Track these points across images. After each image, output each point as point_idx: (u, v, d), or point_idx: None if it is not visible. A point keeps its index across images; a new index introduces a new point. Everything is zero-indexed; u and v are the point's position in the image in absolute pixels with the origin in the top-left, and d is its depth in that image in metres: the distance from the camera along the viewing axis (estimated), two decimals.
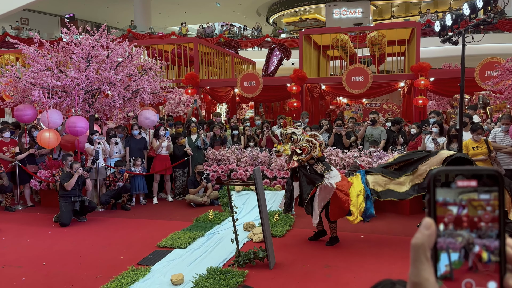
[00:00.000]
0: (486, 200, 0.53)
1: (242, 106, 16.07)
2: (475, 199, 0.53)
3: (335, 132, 7.85)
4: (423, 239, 0.53)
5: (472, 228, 0.52)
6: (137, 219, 6.67)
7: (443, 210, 0.53)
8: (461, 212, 0.53)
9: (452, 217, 0.53)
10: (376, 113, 7.89)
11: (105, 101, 7.60)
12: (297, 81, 10.97)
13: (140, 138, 7.94)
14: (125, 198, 7.28)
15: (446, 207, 0.53)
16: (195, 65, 12.15)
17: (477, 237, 0.52)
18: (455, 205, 0.53)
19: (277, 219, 6.06)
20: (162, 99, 9.09)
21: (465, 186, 0.53)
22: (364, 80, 10.22)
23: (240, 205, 6.64)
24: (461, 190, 0.53)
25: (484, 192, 0.53)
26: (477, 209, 0.53)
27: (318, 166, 4.97)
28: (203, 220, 6.28)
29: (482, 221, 0.53)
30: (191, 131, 8.22)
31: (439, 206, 0.53)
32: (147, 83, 7.78)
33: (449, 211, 0.53)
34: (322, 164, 5.01)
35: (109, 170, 7.57)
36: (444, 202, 0.53)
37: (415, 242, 0.53)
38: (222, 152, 7.95)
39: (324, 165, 5.01)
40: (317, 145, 4.94)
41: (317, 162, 4.99)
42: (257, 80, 11.11)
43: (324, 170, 4.97)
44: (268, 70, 14.86)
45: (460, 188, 0.53)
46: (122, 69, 7.65)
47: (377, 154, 6.95)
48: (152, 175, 7.95)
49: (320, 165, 4.99)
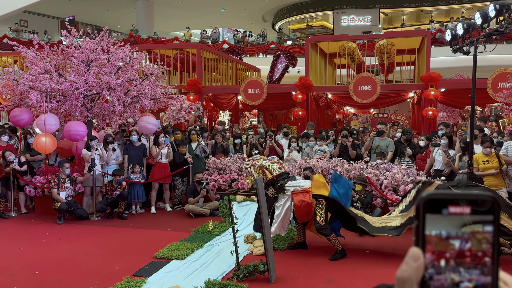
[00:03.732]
0: (490, 232, 0.49)
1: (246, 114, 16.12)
2: (479, 231, 0.49)
3: (341, 143, 7.85)
4: (410, 272, 0.49)
5: (468, 263, 0.48)
6: (134, 228, 6.67)
7: (441, 243, 0.49)
8: (463, 246, 0.49)
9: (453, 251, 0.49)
10: (385, 124, 7.90)
11: (104, 106, 7.65)
12: (302, 89, 11.02)
13: (139, 145, 7.96)
14: (122, 207, 7.28)
15: (442, 239, 0.49)
16: (198, 71, 12.24)
17: (466, 271, 0.48)
18: (456, 238, 0.49)
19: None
20: (163, 105, 9.13)
21: (458, 213, 0.49)
22: (372, 89, 10.26)
23: (241, 216, 6.62)
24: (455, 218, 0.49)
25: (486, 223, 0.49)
26: (481, 243, 0.49)
27: (269, 190, 5.22)
28: (202, 231, 6.27)
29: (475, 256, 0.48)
30: (191, 139, 8.24)
31: (438, 239, 0.49)
32: (148, 88, 7.83)
33: (447, 244, 0.49)
34: (272, 187, 5.21)
35: (106, 178, 7.58)
36: (439, 234, 0.49)
37: (401, 276, 0.49)
38: (224, 161, 7.97)
39: (275, 187, 5.20)
40: (252, 170, 5.15)
41: (267, 187, 5.21)
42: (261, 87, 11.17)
43: (274, 194, 5.19)
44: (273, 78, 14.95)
45: (453, 216, 0.49)
46: (123, 73, 7.71)
47: (384, 167, 6.94)
48: (150, 183, 7.96)
49: (271, 189, 5.21)
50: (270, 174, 5.21)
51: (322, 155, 7.87)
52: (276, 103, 12.49)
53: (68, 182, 7.12)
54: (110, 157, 7.68)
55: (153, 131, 8.27)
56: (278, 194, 5.19)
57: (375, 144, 7.74)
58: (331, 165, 7.24)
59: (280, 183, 5.22)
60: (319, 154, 7.92)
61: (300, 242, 5.54)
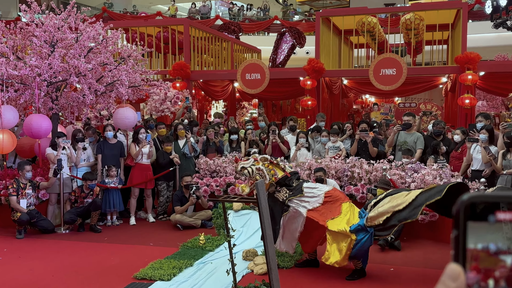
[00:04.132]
0: None
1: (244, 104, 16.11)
2: None
3: (359, 139, 7.85)
4: None
5: None
6: (109, 243, 6.67)
7: (489, 259, 0.47)
8: None
9: (504, 269, 0.47)
10: (412, 115, 7.88)
11: (73, 96, 7.64)
12: (312, 74, 11.00)
13: (115, 142, 7.96)
14: (95, 217, 7.29)
15: (491, 254, 0.47)
16: (185, 52, 12.22)
17: None
18: (508, 253, 0.47)
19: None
20: (144, 94, 9.15)
21: (510, 221, 0.48)
22: (396, 73, 10.24)
23: (239, 228, 6.63)
24: (505, 228, 0.47)
25: None
26: None
27: (280, 192, 5.12)
28: (192, 246, 6.29)
29: None
30: (179, 135, 8.24)
31: (485, 254, 0.48)
32: (125, 74, 7.83)
33: (497, 260, 0.47)
34: (286, 189, 5.13)
35: (76, 183, 7.58)
36: (487, 247, 0.47)
37: None
38: (217, 161, 7.97)
39: (290, 189, 5.11)
40: (266, 171, 5.07)
41: (277, 189, 5.14)
42: (263, 72, 11.15)
43: (289, 196, 5.08)
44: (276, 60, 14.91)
45: (503, 224, 0.48)
46: (95, 56, 7.70)
47: (412, 167, 6.93)
48: (129, 189, 7.95)
49: (283, 190, 5.12)
50: (282, 171, 5.15)
51: (336, 154, 7.85)
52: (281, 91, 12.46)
53: (30, 188, 7.11)
54: (80, 157, 7.67)
55: (132, 126, 8.27)
56: (294, 196, 5.08)
57: (400, 140, 7.73)
58: (347, 165, 7.22)
59: (296, 183, 5.15)
60: (333, 153, 7.90)
61: (311, 260, 5.52)
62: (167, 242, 6.65)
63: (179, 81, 11.41)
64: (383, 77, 10.33)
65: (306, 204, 5.05)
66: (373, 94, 14.43)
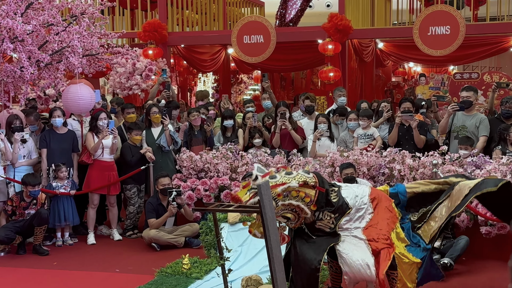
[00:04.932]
0: None
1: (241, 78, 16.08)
2: None
3: (400, 123, 7.85)
4: None
5: None
6: (60, 269, 6.65)
7: None
8: None
9: None
10: (473, 90, 7.84)
11: (7, 68, 7.63)
12: (335, 35, 10.96)
13: (65, 132, 7.97)
14: (40, 235, 7.30)
15: None
16: (160, 8, 12.18)
17: None
18: None
19: None
20: (104, 66, 9.11)
21: None
22: (451, 32, 10.20)
23: (236, 247, 6.63)
24: None
25: None
26: None
27: (324, 220, 4.73)
28: (172, 273, 6.28)
29: None
30: (152, 120, 8.24)
31: None
32: (77, 38, 7.79)
33: None
34: (328, 212, 4.73)
35: (13, 188, 7.58)
36: None
37: None
38: (206, 157, 7.99)
39: (332, 209, 4.72)
40: (301, 203, 4.59)
41: (318, 216, 4.74)
42: (267, 33, 11.11)
43: (337, 221, 4.73)
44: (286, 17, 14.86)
45: None
46: (36, 14, 7.68)
47: (472, 161, 6.94)
48: (86, 196, 7.96)
49: (326, 215, 4.74)
50: (312, 190, 4.66)
51: (368, 144, 7.85)
52: (292, 60, 12.44)
53: None
54: (19, 153, 7.67)
55: (89, 109, 8.26)
56: (342, 217, 4.73)
57: (457, 124, 7.72)
58: (384, 160, 7.23)
59: (334, 195, 4.78)
60: (364, 143, 7.90)
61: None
62: (138, 268, 6.64)
63: (152, 47, 11.36)
64: (433, 38, 10.29)
65: (357, 223, 4.77)
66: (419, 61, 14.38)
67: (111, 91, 10.56)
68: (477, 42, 11.25)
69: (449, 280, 5.94)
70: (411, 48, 11.33)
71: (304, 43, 11.87)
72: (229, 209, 4.69)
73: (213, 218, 4.90)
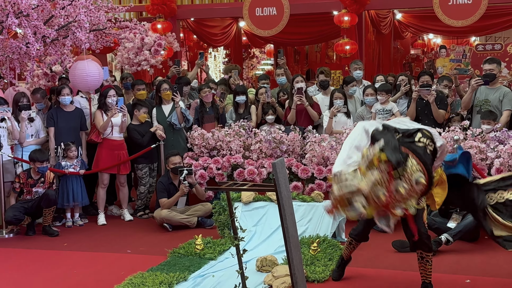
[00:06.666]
0: None
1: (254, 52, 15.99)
2: None
3: (418, 98, 7.79)
4: None
5: None
6: (70, 251, 6.69)
7: None
8: None
9: None
10: (497, 62, 7.73)
11: (12, 45, 7.60)
12: (351, 6, 10.86)
13: (73, 110, 7.99)
14: (49, 216, 7.31)
15: None
16: None
17: None
18: None
19: (316, 251, 6.02)
20: (112, 41, 9.09)
21: None
22: (473, 2, 10.04)
23: (251, 227, 6.67)
24: None
25: None
26: None
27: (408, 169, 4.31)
28: (185, 253, 6.31)
29: None
30: (163, 97, 8.20)
31: None
32: (84, 12, 7.78)
33: None
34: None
35: (21, 166, 7.61)
36: None
37: None
38: (218, 135, 7.92)
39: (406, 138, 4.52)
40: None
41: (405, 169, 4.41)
42: (280, 5, 11.02)
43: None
44: None
45: None
46: None
47: (496, 136, 6.85)
48: (96, 176, 7.92)
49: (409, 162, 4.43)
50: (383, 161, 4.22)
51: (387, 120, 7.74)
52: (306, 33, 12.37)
53: None
54: (26, 131, 7.68)
55: (97, 86, 8.28)
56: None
57: (480, 98, 7.65)
58: None
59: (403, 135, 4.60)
60: (382, 118, 7.80)
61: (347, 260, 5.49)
62: (150, 249, 6.66)
63: (161, 21, 11.32)
64: (454, 8, 10.15)
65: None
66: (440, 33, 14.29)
67: (119, 67, 10.50)
68: (500, 12, 11.10)
69: (471, 260, 5.88)
70: (431, 19, 11.21)
71: (319, 15, 11.78)
72: (243, 187, 4.69)
73: (226, 197, 4.93)
